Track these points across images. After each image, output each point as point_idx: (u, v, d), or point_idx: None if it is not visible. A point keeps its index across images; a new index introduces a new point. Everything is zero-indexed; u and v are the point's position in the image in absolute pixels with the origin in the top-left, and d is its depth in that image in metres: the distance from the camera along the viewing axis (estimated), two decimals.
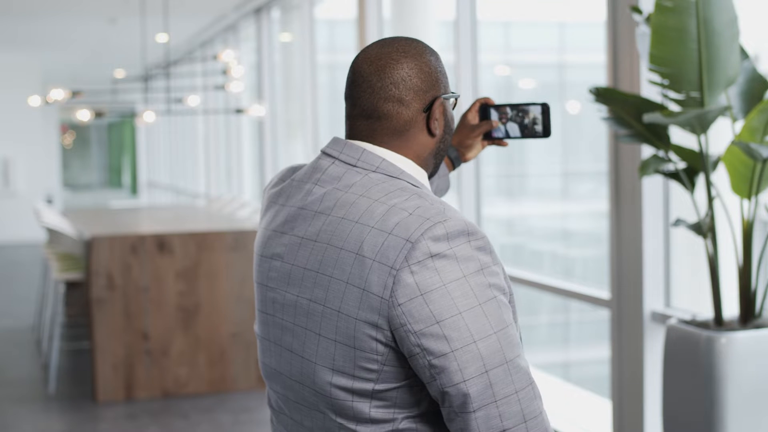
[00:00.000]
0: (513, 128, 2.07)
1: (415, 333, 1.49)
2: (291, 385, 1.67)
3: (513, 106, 2.07)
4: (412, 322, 1.49)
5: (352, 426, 1.59)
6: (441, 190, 2.20)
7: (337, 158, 1.68)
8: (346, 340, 1.55)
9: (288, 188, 1.74)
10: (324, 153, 1.71)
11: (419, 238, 1.50)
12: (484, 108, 2.12)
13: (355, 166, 1.65)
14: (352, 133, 1.71)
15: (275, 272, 1.69)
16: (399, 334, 1.51)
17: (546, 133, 2.03)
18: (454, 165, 2.20)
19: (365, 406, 1.57)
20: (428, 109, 1.69)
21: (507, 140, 2.11)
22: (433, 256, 1.50)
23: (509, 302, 1.58)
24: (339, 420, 1.60)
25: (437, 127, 1.70)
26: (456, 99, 1.79)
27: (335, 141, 1.71)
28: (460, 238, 1.52)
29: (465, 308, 1.49)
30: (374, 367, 1.54)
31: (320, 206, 1.63)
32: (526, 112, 2.05)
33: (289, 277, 1.65)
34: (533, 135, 2.04)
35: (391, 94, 1.66)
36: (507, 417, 1.49)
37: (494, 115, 2.10)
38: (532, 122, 2.04)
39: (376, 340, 1.53)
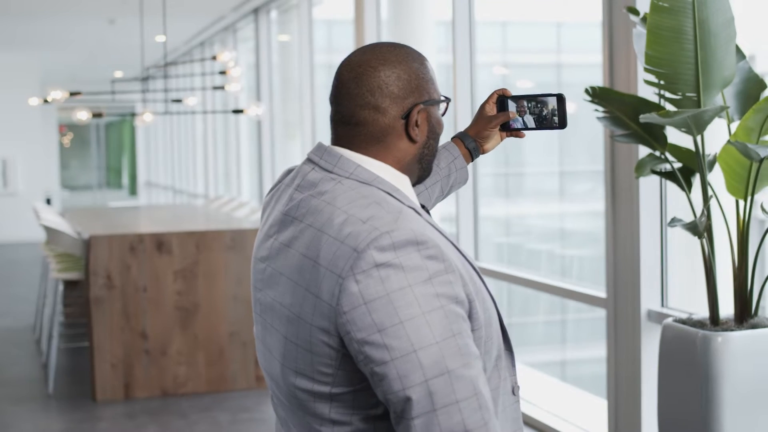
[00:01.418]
0: (530, 120, 2.10)
1: (358, 341, 1.52)
2: (275, 384, 1.72)
3: (530, 98, 2.09)
4: (355, 330, 1.52)
5: (317, 426, 1.64)
6: (458, 183, 2.24)
7: (317, 164, 1.71)
8: (304, 345, 1.59)
9: (278, 192, 1.78)
10: (307, 158, 1.74)
11: (365, 248, 1.52)
12: (502, 99, 2.15)
13: (331, 172, 1.68)
14: (334, 138, 1.74)
15: (260, 274, 1.73)
16: (345, 341, 1.54)
17: (562, 124, 2.06)
18: (472, 156, 2.22)
19: (325, 408, 1.61)
20: (407, 116, 1.70)
21: (524, 131, 2.13)
22: (378, 265, 1.51)
23: (470, 310, 1.58)
24: (308, 419, 1.65)
25: (418, 134, 1.71)
26: (446, 104, 1.79)
27: (318, 146, 1.74)
28: (408, 247, 1.53)
29: (406, 318, 1.50)
30: (329, 371, 1.58)
31: (296, 213, 1.67)
32: (543, 104, 2.07)
33: (270, 280, 1.69)
34: (550, 126, 2.07)
35: (366, 101, 1.68)
36: (447, 426, 1.49)
37: (512, 106, 2.12)
38: (550, 113, 2.06)
39: (329, 345, 1.56)
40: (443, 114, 1.81)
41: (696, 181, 3.62)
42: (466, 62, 6.03)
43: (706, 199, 3.43)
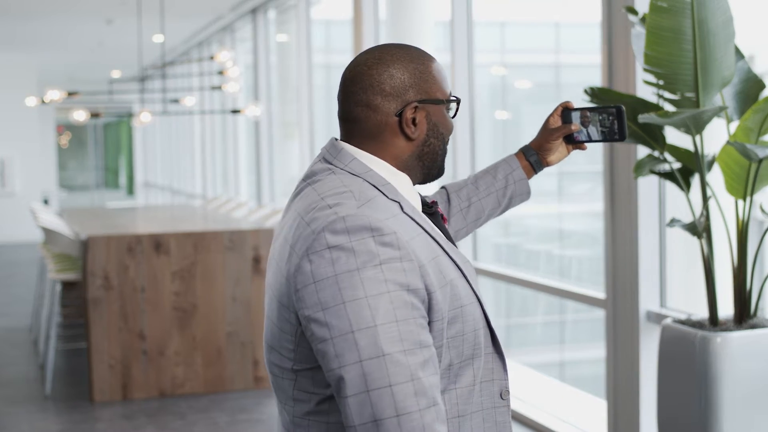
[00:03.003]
0: (593, 131, 2.12)
1: (305, 317, 1.60)
2: (266, 362, 1.82)
3: (592, 110, 2.11)
4: (304, 307, 1.60)
5: (282, 403, 1.74)
6: (519, 196, 2.26)
7: (323, 156, 1.79)
8: (275, 320, 1.69)
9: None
10: (320, 152, 1.82)
11: (321, 231, 1.61)
12: (566, 111, 2.17)
13: (330, 163, 1.76)
14: (340, 134, 1.82)
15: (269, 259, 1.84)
16: (299, 318, 1.62)
17: (622, 136, 2.08)
18: (534, 169, 2.24)
19: (290, 385, 1.69)
20: (400, 113, 1.75)
21: (587, 144, 2.15)
22: (330, 247, 1.59)
23: (429, 302, 1.62)
24: (279, 395, 1.74)
25: (414, 132, 1.76)
26: (451, 103, 1.82)
27: (330, 141, 1.81)
28: (362, 233, 1.59)
29: (349, 299, 1.56)
30: (291, 346, 1.67)
31: (293, 200, 1.78)
32: (603, 116, 2.09)
33: (269, 263, 1.79)
34: (612, 138, 2.09)
35: (359, 99, 1.75)
36: (379, 408, 1.53)
37: (575, 118, 2.14)
38: (610, 125, 2.09)
39: (289, 321, 1.65)
40: (454, 115, 1.85)
41: (695, 181, 3.62)
42: (464, 62, 6.03)
43: (705, 200, 3.42)
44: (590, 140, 2.12)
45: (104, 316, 6.11)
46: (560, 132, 2.16)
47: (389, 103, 1.75)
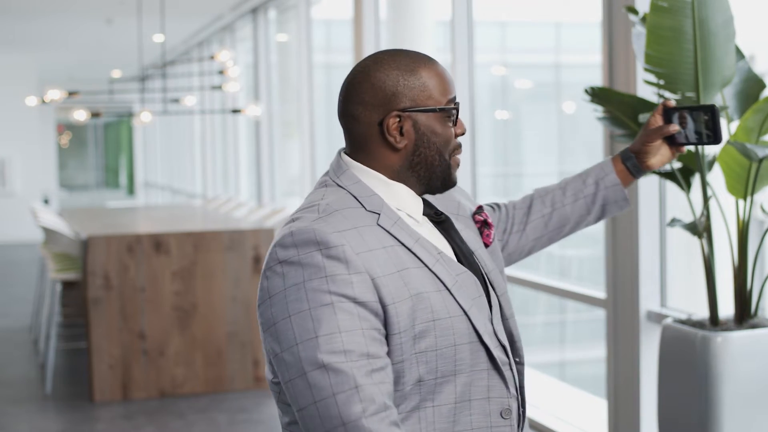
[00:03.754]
0: (690, 133, 1.98)
1: (263, 332, 1.65)
2: None
3: (689, 109, 1.97)
4: (262, 322, 1.65)
5: (278, 412, 1.78)
6: (613, 203, 2.10)
7: (328, 169, 1.80)
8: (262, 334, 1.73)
9: None
10: None
11: (274, 246, 1.64)
12: (666, 111, 2.03)
13: (326, 173, 1.78)
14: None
15: None
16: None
17: (717, 138, 1.95)
18: (633, 174, 2.08)
19: (276, 396, 1.72)
20: (381, 122, 1.71)
21: (686, 147, 2.02)
22: (281, 262, 1.62)
23: (385, 315, 1.61)
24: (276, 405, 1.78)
25: (400, 141, 1.72)
26: (451, 110, 1.77)
27: (337, 153, 1.81)
28: (309, 246, 1.60)
29: (294, 311, 1.59)
30: (268, 358, 1.69)
31: None
32: (699, 116, 1.95)
33: None
34: (708, 141, 1.96)
35: (345, 109, 1.75)
36: (326, 418, 1.55)
37: (675, 118, 1.99)
38: (704, 126, 1.95)
39: (264, 337, 1.68)
40: (454, 122, 1.78)
41: (695, 181, 3.61)
42: (464, 62, 6.02)
43: (705, 199, 3.42)
44: (687, 142, 1.98)
45: (104, 316, 6.11)
46: (659, 133, 2.02)
47: (370, 113, 1.71)
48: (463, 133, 1.79)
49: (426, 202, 1.80)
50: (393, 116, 1.70)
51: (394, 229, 1.69)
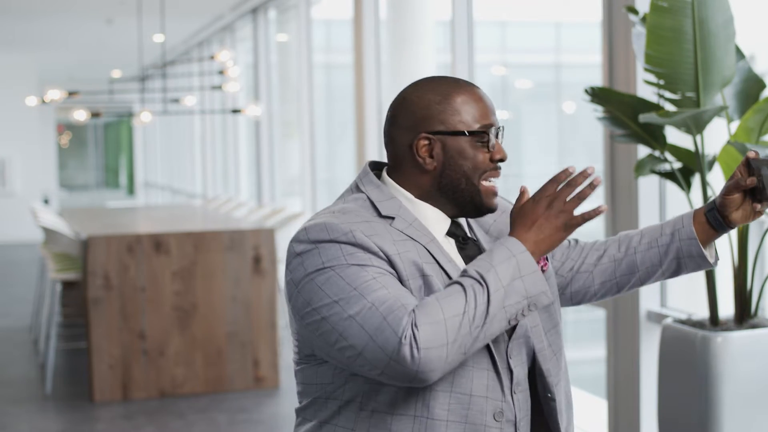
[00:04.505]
0: None
1: (300, 321, 1.72)
2: None
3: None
4: (296, 310, 1.72)
5: None
6: (689, 257, 1.93)
7: (356, 178, 1.88)
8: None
9: None
10: None
11: (290, 243, 1.74)
12: (750, 163, 1.86)
13: (355, 184, 1.84)
14: None
15: None
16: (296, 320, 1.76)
17: None
18: (715, 228, 1.91)
19: (299, 377, 1.85)
20: (411, 145, 1.78)
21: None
22: (298, 254, 1.71)
23: (397, 278, 1.69)
24: None
25: (429, 163, 1.77)
26: (487, 135, 1.77)
27: (364, 164, 1.90)
28: (322, 237, 1.69)
29: (322, 283, 1.68)
30: (298, 347, 1.81)
31: None
32: None
33: None
34: None
35: (386, 130, 1.84)
36: (384, 338, 1.61)
37: (765, 170, 1.82)
38: None
39: (299, 327, 1.77)
40: (491, 146, 1.77)
41: (695, 181, 3.62)
42: (465, 62, 6.02)
43: (705, 199, 3.42)
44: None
45: (104, 316, 6.10)
46: (739, 187, 1.85)
47: (403, 135, 1.79)
48: (501, 159, 1.78)
49: (457, 224, 1.84)
50: (422, 138, 1.77)
51: (410, 230, 1.75)
